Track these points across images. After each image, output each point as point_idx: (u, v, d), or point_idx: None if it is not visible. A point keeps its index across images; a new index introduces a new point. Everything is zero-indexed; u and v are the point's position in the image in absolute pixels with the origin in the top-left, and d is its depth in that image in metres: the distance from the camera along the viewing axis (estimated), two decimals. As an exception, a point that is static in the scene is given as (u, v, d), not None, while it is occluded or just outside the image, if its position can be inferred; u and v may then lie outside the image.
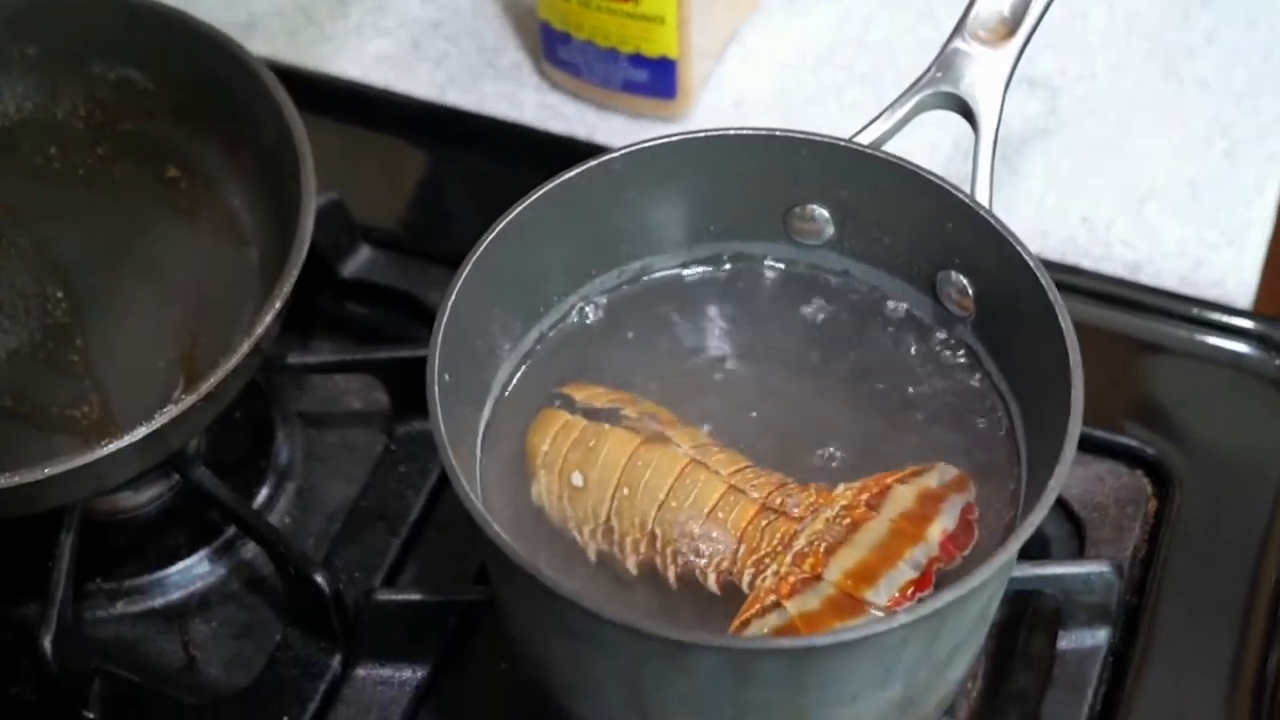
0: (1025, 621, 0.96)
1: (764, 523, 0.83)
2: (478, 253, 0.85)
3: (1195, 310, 1.06)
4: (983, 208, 0.85)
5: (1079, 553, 0.98)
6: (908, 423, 0.89)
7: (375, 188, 1.15)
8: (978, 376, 0.89)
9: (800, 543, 0.82)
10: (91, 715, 0.94)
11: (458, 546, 0.99)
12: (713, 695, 0.78)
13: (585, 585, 0.84)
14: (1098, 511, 0.99)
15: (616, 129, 1.18)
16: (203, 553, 1.01)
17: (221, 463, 1.02)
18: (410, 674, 0.95)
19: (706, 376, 0.91)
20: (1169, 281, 1.09)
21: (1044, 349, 0.82)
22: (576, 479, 0.87)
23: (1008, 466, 0.86)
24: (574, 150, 1.13)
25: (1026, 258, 0.83)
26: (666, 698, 0.79)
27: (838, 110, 1.18)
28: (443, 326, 0.82)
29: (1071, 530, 0.99)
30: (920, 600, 0.80)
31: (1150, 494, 1.00)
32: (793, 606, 0.80)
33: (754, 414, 0.89)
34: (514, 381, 0.90)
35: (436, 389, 0.80)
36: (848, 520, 0.82)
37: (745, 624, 0.81)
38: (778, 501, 0.84)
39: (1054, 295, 0.82)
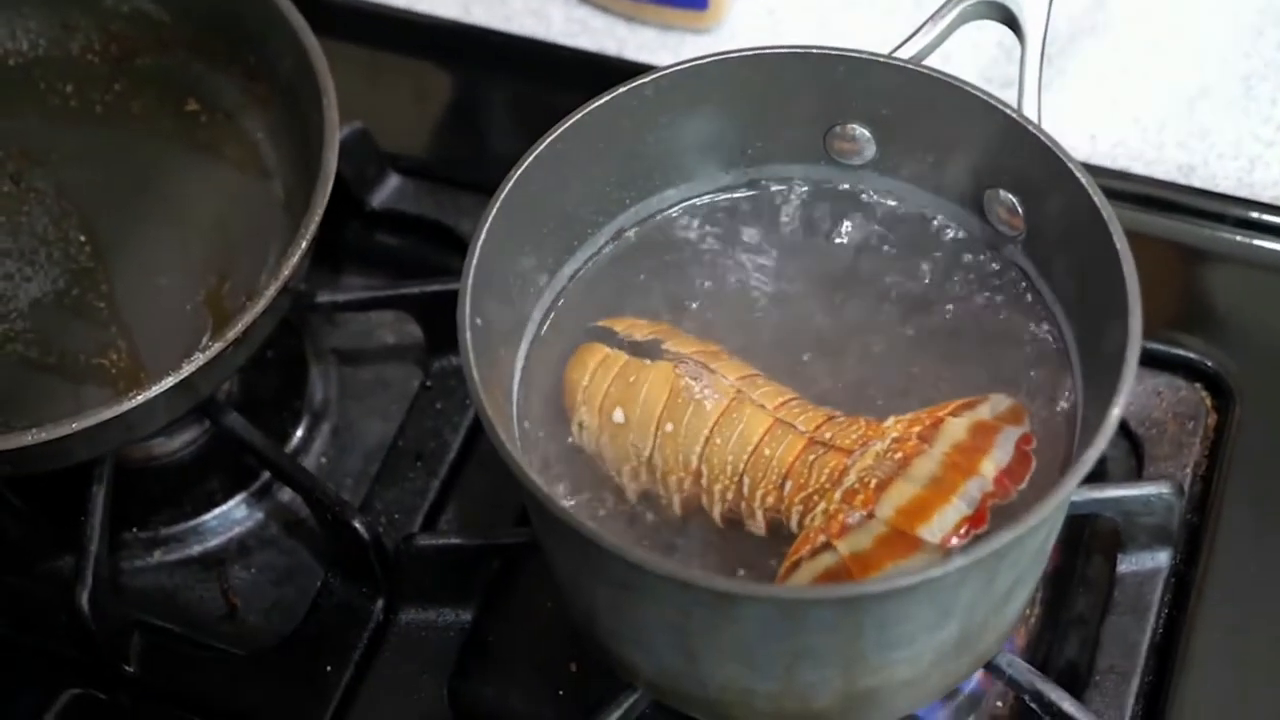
0: (1083, 544, 0.94)
1: (812, 457, 0.81)
2: (504, 190, 0.82)
3: (1252, 213, 1.02)
4: (1031, 123, 0.82)
5: (1137, 472, 0.95)
6: (958, 347, 0.85)
7: (401, 114, 1.12)
8: (1029, 297, 0.86)
9: (850, 479, 0.79)
10: (131, 669, 0.93)
11: (497, 485, 0.97)
12: (763, 643, 0.75)
13: (629, 528, 0.82)
14: (1155, 428, 0.96)
15: (647, 42, 1.15)
16: (240, 497, 1.00)
17: (254, 403, 1.01)
18: (454, 617, 0.93)
19: (749, 305, 0.88)
20: (1224, 184, 1.05)
21: (1098, 269, 0.79)
22: (618, 415, 0.84)
23: (1063, 389, 0.83)
24: (605, 68, 1.10)
25: (1079, 175, 0.79)
26: (715, 646, 0.77)
27: (877, 16, 1.14)
28: (472, 269, 0.79)
29: (1129, 449, 0.96)
30: (975, 537, 0.77)
31: (1209, 408, 0.97)
32: (844, 546, 0.78)
33: (799, 343, 0.86)
34: (550, 318, 0.87)
35: (469, 334, 0.78)
36: (899, 454, 0.79)
37: (795, 566, 0.79)
38: (826, 435, 0.81)
39: (1108, 213, 0.78)
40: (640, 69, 0.87)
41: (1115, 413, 0.73)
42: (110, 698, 0.93)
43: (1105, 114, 1.09)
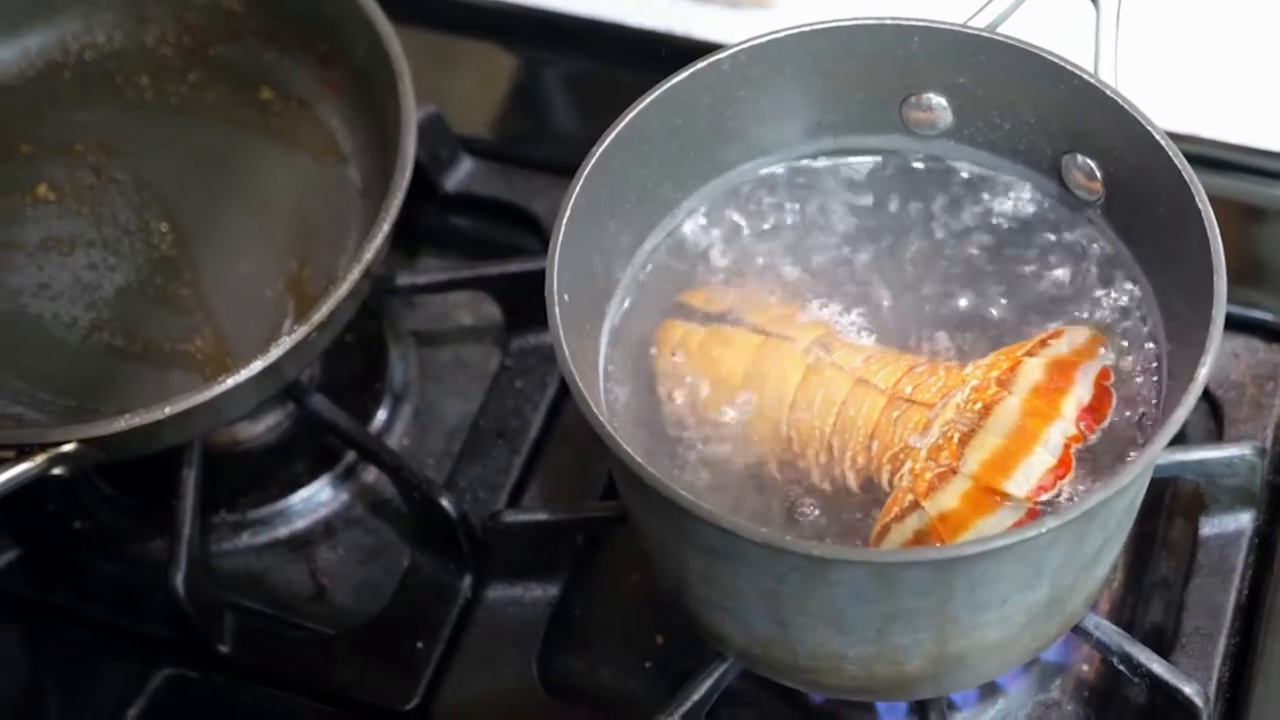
0: (1165, 507, 0.94)
1: (895, 414, 0.81)
2: (587, 168, 0.82)
3: (1326, 174, 1.03)
4: (1110, 88, 0.82)
5: (1217, 433, 0.95)
6: (1038, 310, 0.86)
7: (472, 97, 1.12)
8: (1109, 260, 0.86)
9: (934, 434, 0.80)
10: (225, 649, 0.94)
11: (580, 460, 0.98)
12: (856, 607, 0.76)
13: (720, 497, 0.83)
14: (1235, 390, 0.96)
15: (713, 19, 1.15)
16: (324, 479, 1.01)
17: (336, 386, 1.02)
18: (541, 592, 0.94)
19: (828, 272, 0.89)
20: (1297, 146, 1.05)
21: (1179, 231, 0.79)
22: (703, 391, 0.85)
23: (1145, 350, 0.84)
24: (671, 46, 1.11)
25: (1160, 139, 0.80)
26: (807, 611, 0.77)
27: (944, -13, 1.14)
28: (558, 249, 0.80)
29: (1208, 411, 0.96)
30: (1060, 486, 0.78)
31: (1288, 368, 0.97)
32: (931, 506, 0.78)
33: (878, 306, 0.87)
34: (633, 292, 0.88)
35: (558, 310, 0.78)
36: (979, 404, 0.80)
37: (885, 530, 0.79)
38: (907, 390, 0.82)
39: (1190, 176, 0.78)
40: (707, 47, 0.88)
41: (1203, 373, 0.74)
42: (203, 677, 0.95)
43: (1173, 76, 1.08)
